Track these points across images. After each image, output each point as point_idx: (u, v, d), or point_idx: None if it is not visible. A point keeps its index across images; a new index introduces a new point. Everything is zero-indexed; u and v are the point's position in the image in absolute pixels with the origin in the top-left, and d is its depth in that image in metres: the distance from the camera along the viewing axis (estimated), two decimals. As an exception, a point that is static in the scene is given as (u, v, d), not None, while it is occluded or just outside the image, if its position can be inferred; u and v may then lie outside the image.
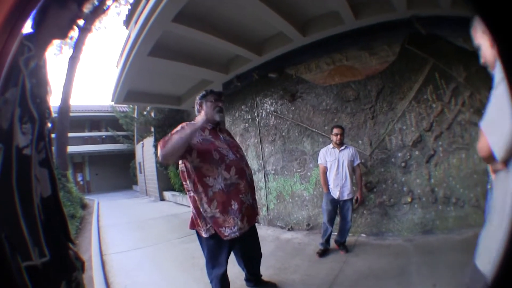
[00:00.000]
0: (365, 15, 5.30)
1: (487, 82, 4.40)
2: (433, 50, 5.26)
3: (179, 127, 2.83)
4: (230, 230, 2.79)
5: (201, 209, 2.84)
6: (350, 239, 5.16)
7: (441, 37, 5.24)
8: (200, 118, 2.91)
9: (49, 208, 1.24)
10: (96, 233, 7.67)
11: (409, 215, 5.30)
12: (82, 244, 6.73)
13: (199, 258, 4.89)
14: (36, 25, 1.28)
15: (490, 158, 1.26)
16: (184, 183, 3.02)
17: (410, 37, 5.37)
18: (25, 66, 1.15)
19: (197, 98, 3.21)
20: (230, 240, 2.83)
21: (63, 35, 1.42)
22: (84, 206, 12.50)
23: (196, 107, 3.23)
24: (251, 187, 3.04)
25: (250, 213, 2.95)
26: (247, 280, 3.73)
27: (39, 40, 1.25)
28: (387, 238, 5.28)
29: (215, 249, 2.93)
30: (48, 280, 1.14)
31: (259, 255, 3.58)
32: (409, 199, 5.30)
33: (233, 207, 2.82)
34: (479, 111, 4.90)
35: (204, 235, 2.90)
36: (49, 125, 1.30)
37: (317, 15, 5.67)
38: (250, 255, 3.50)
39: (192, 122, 2.88)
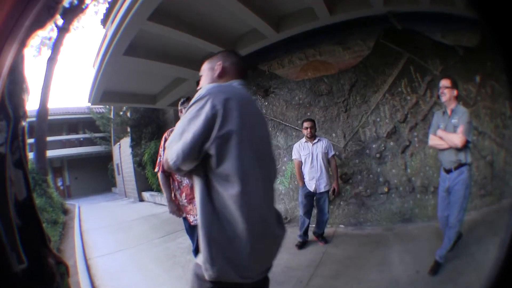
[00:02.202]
0: (340, 11, 5.32)
1: (464, 74, 4.57)
2: (409, 45, 5.32)
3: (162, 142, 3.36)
4: (193, 217, 3.36)
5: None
6: (328, 230, 5.17)
7: (417, 32, 5.31)
8: None
9: (24, 212, 1.18)
10: (79, 237, 7.54)
11: (387, 205, 5.37)
12: (66, 250, 6.64)
13: (180, 256, 5.01)
14: None
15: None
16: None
17: (385, 32, 5.44)
18: None
19: (179, 104, 3.55)
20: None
21: (43, 23, 1.35)
22: (65, 211, 12.10)
23: (180, 114, 3.59)
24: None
25: None
26: None
27: None
28: (366, 228, 5.34)
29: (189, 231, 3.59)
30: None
31: None
32: (385, 189, 5.38)
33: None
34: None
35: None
36: (24, 124, 1.22)
37: (291, 11, 5.67)
38: None
39: (171, 130, 3.33)
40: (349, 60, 5.70)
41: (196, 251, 3.73)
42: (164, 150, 3.24)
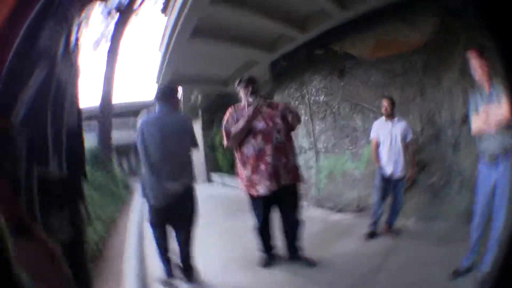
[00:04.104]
0: None
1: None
2: (463, 23, 4.90)
3: (227, 115, 3.82)
4: (261, 188, 3.56)
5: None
6: (399, 222, 5.09)
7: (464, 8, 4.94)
8: (248, 110, 3.62)
9: (72, 139, 1.33)
10: (138, 214, 7.82)
11: (459, 197, 5.12)
12: (120, 225, 7.01)
13: (242, 236, 4.96)
14: None
15: None
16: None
17: (445, 9, 5.14)
18: (71, 16, 1.28)
19: (235, 85, 3.96)
20: (263, 198, 3.61)
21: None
22: (126, 187, 13.13)
23: (239, 95, 3.93)
24: (279, 149, 3.58)
25: (279, 173, 3.55)
26: (286, 248, 3.96)
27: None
28: (437, 223, 5.12)
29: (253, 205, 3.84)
30: (55, 197, 1.20)
31: (296, 220, 3.84)
32: (459, 181, 5.14)
33: (261, 167, 3.55)
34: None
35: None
36: (79, 74, 1.42)
37: None
38: (285, 219, 3.86)
39: (236, 105, 3.89)
40: (418, 38, 5.51)
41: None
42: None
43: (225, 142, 3.83)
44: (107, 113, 14.99)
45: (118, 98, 23.69)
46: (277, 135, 3.60)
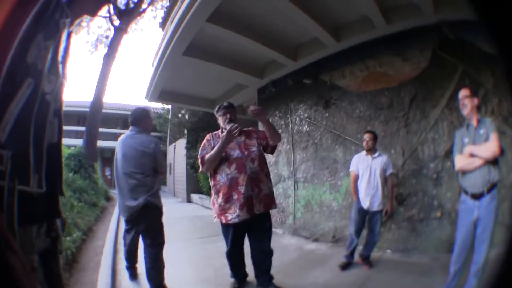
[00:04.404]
0: (396, 20, 5.36)
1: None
2: (462, 56, 5.13)
3: (205, 141, 3.86)
4: (231, 216, 3.56)
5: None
6: (375, 254, 5.09)
7: (468, 41, 5.09)
8: (223, 135, 3.63)
9: (52, 154, 1.34)
10: (115, 222, 7.86)
11: (438, 232, 5.20)
12: (99, 231, 7.04)
13: (215, 259, 5.04)
14: None
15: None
16: None
17: (440, 42, 5.34)
18: (62, 28, 1.30)
19: (215, 111, 4.05)
20: (234, 225, 3.61)
21: (93, 11, 1.68)
22: (108, 198, 13.05)
23: (218, 121, 4.00)
24: (252, 179, 3.61)
25: (251, 202, 3.56)
26: (256, 277, 3.89)
27: (73, 9, 1.41)
28: (413, 256, 5.18)
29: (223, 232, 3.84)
30: (34, 214, 1.20)
31: (266, 249, 3.80)
32: (438, 214, 5.21)
33: (233, 197, 3.57)
34: (507, 120, 4.72)
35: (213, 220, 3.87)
36: (64, 82, 1.44)
37: (349, 20, 5.82)
38: (255, 246, 3.82)
39: (214, 133, 3.94)
40: (408, 72, 5.68)
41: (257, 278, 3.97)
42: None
43: (200, 167, 3.86)
44: (96, 118, 15.18)
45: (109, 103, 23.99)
46: (251, 165, 3.65)
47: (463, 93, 3.32)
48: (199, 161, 3.80)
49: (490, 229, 2.95)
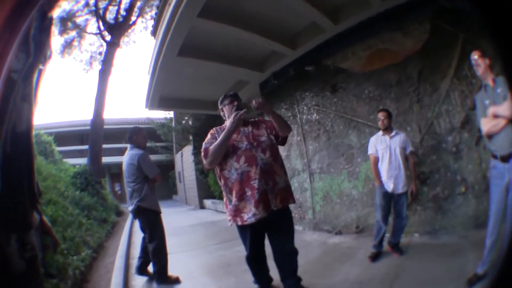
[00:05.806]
0: None
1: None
2: (461, 24, 4.95)
3: (209, 135, 3.49)
4: (247, 215, 3.23)
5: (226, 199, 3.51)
6: (402, 240, 4.90)
7: (462, 9, 4.83)
8: (227, 122, 3.38)
9: (18, 144, 1.21)
10: (126, 237, 7.82)
11: (463, 208, 5.03)
12: (110, 247, 6.97)
13: (235, 265, 4.91)
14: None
15: None
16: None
17: (437, 13, 5.16)
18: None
19: (219, 102, 3.74)
20: (251, 226, 3.26)
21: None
22: (119, 213, 13.14)
23: (221, 113, 3.73)
24: (265, 171, 3.28)
25: (267, 198, 3.24)
26: (282, 280, 3.59)
27: None
28: (442, 236, 5.02)
29: (241, 235, 3.53)
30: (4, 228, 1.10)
31: (289, 249, 3.52)
32: (463, 189, 5.02)
33: (247, 193, 3.25)
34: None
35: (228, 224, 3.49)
36: (42, 68, 1.34)
37: (345, 1, 5.63)
38: (277, 248, 3.54)
39: (218, 127, 3.56)
40: (411, 46, 5.53)
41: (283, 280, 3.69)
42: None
43: (203, 162, 3.51)
44: (98, 134, 15.36)
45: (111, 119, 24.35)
46: (262, 156, 3.34)
47: (475, 54, 3.19)
48: (202, 154, 3.41)
49: None
